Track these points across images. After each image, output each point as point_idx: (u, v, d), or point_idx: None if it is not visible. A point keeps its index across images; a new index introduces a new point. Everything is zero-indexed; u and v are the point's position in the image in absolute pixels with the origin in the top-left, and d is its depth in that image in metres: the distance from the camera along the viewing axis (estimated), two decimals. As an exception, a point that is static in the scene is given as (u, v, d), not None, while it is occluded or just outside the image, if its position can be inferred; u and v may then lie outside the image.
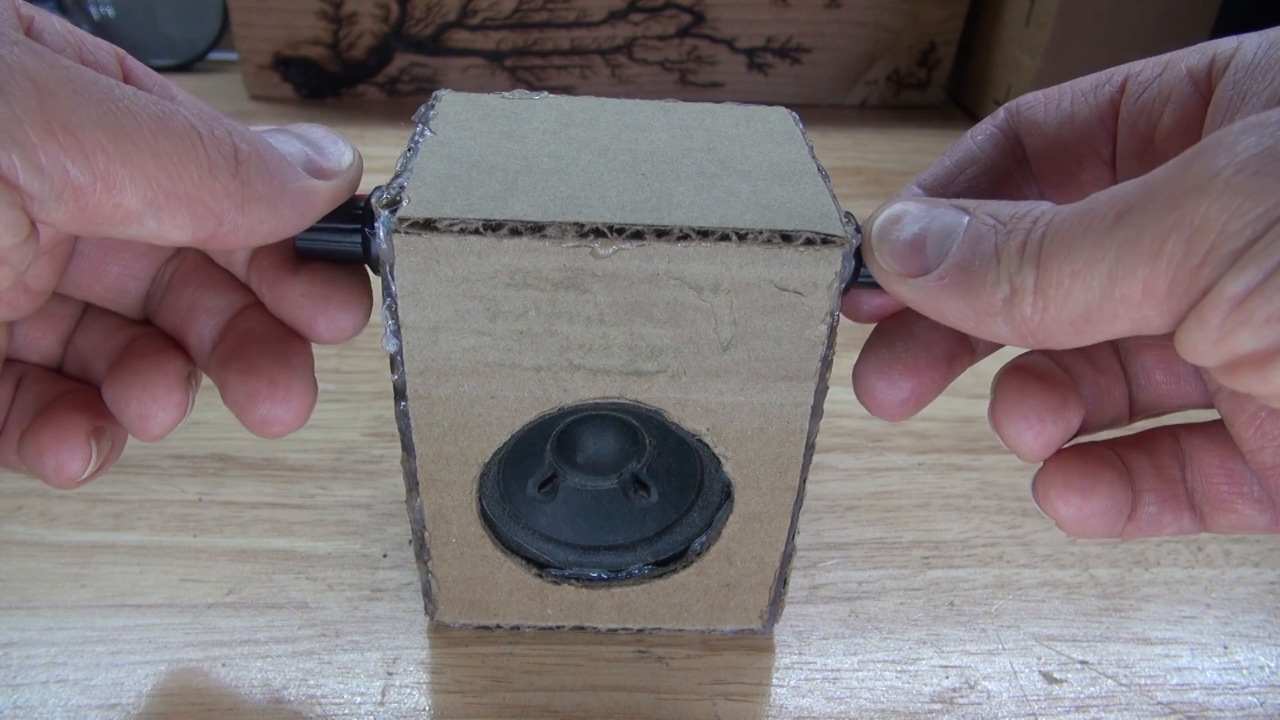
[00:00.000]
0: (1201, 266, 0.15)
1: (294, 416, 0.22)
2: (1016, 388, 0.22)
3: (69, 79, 0.16)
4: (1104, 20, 0.63)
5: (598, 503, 0.29)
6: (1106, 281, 0.16)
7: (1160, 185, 0.16)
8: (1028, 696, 0.28)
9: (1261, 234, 0.14)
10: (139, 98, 0.17)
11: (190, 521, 0.33)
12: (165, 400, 0.22)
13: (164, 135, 0.17)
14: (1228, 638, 0.30)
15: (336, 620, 0.29)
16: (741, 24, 0.69)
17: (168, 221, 0.17)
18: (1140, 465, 0.23)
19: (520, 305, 0.21)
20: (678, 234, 0.20)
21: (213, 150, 0.18)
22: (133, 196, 0.17)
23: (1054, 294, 0.17)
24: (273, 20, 0.67)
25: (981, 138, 0.24)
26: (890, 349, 0.23)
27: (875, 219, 0.21)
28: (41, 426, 0.22)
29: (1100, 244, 0.16)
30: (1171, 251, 0.15)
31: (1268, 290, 0.15)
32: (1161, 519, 0.23)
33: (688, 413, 0.23)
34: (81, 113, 0.16)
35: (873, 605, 0.31)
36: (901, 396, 0.23)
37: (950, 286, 0.19)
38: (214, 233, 0.18)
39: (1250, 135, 0.15)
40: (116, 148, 0.16)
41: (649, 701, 0.27)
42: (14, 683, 0.27)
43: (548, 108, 0.25)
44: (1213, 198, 0.15)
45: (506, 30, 0.68)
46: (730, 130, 0.25)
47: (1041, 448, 0.22)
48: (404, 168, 0.22)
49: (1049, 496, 0.23)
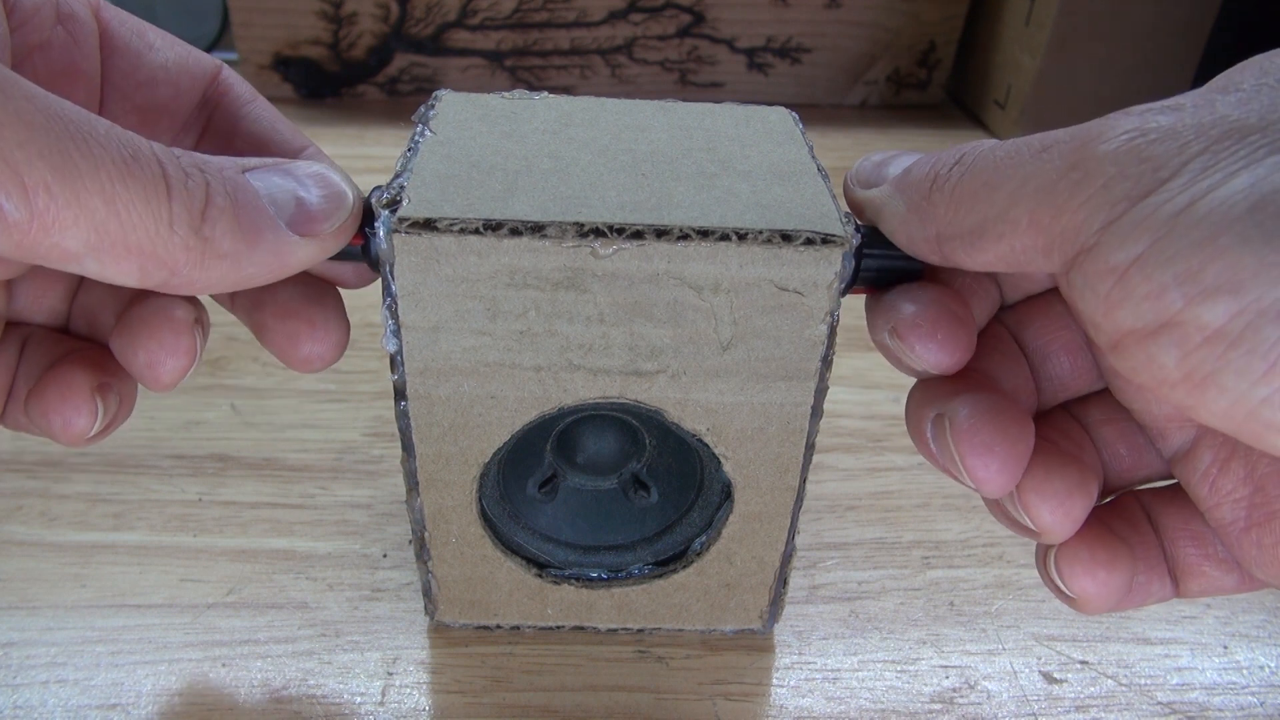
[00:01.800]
0: (1080, 210, 0.16)
1: (334, 353, 0.23)
2: (1039, 464, 0.21)
3: (26, 111, 0.15)
4: (1104, 20, 0.63)
5: (598, 503, 0.29)
6: (1005, 202, 0.18)
7: (1078, 134, 0.17)
8: (1028, 696, 0.28)
9: (1140, 198, 0.15)
10: (109, 137, 0.16)
11: (190, 521, 0.33)
12: (174, 346, 0.21)
13: (125, 181, 0.16)
14: (1228, 638, 0.30)
15: (336, 620, 0.29)
16: (741, 24, 0.69)
17: (111, 267, 0.17)
18: (1128, 535, 0.22)
19: (520, 305, 0.21)
20: (678, 234, 0.20)
21: (179, 203, 0.17)
22: (73, 239, 0.16)
23: (963, 199, 0.19)
24: (273, 20, 0.67)
25: None
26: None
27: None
28: (47, 384, 0.22)
29: (1014, 170, 0.18)
30: (1060, 189, 0.17)
31: (1147, 264, 0.15)
32: (1150, 587, 0.22)
33: (688, 413, 0.23)
34: (30, 148, 0.15)
35: (873, 605, 0.31)
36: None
37: (895, 185, 0.21)
38: (165, 282, 0.18)
39: (1164, 115, 0.16)
40: (63, 187, 0.16)
41: (649, 701, 0.27)
42: (14, 683, 0.27)
43: (548, 108, 0.25)
44: (1107, 152, 0.16)
45: (506, 30, 0.68)
46: (730, 130, 0.25)
47: (1072, 525, 0.21)
48: (404, 168, 0.22)
49: (1076, 573, 0.21)
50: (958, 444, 0.20)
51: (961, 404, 0.21)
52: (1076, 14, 0.62)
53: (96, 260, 0.17)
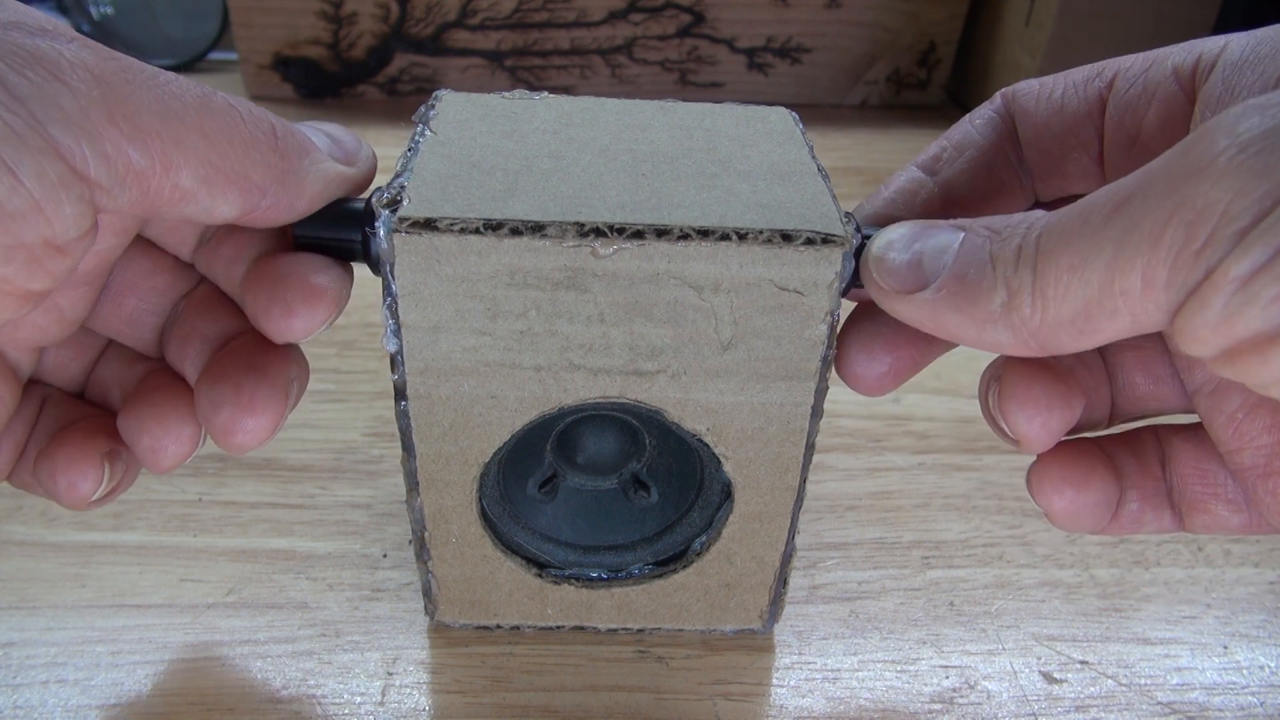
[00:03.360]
0: (1203, 251, 0.15)
1: (258, 425, 0.21)
2: (1023, 375, 0.22)
3: (121, 69, 0.17)
4: (1104, 20, 0.63)
5: (598, 503, 0.29)
6: (1105, 274, 0.16)
7: (1159, 173, 0.15)
8: (1028, 696, 0.28)
9: (1268, 211, 0.14)
10: (181, 82, 0.18)
11: (190, 521, 0.33)
12: (177, 434, 0.22)
13: (208, 116, 0.18)
14: (1228, 638, 0.30)
15: (336, 620, 0.29)
16: (741, 24, 0.69)
17: (219, 198, 0.19)
18: (1125, 462, 0.23)
19: (520, 305, 0.21)
20: (678, 234, 0.20)
21: (253, 127, 0.19)
22: (188, 176, 0.18)
23: (1052, 292, 0.17)
24: (273, 20, 0.67)
25: (980, 121, 0.25)
26: (872, 322, 0.24)
27: (872, 243, 0.21)
28: (56, 447, 0.22)
29: (1098, 236, 0.16)
30: (1172, 238, 0.15)
31: (1276, 268, 0.14)
32: (1143, 516, 0.23)
33: (688, 413, 0.23)
34: (136, 100, 0.17)
35: (873, 605, 0.31)
36: (880, 370, 0.23)
37: (948, 298, 0.18)
38: (258, 205, 0.19)
39: (1252, 116, 0.15)
40: (170, 131, 0.17)
41: (649, 701, 0.27)
42: (14, 683, 0.27)
43: (548, 108, 0.25)
44: (1214, 179, 0.14)
45: (506, 30, 0.68)
46: (730, 130, 0.25)
47: (1048, 436, 0.22)
48: (404, 168, 0.22)
49: (1044, 489, 0.23)
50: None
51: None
52: (1076, 14, 0.62)
53: (208, 193, 0.18)
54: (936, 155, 0.25)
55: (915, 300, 0.19)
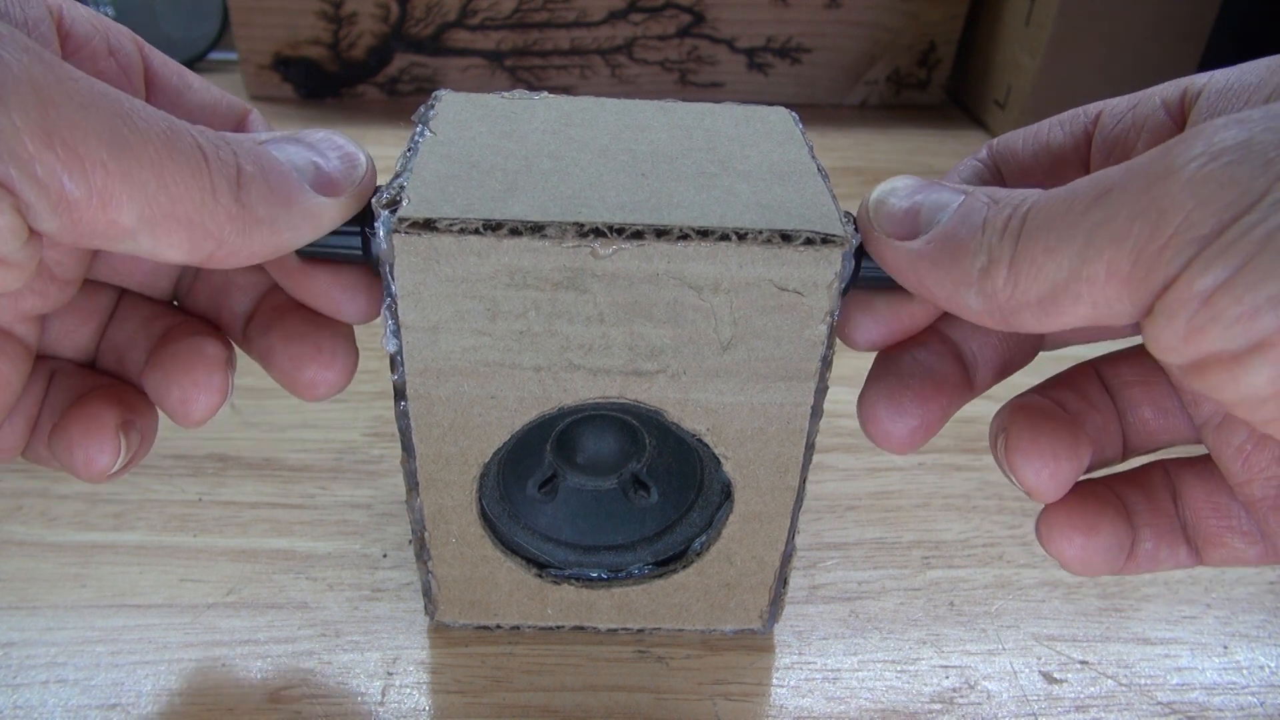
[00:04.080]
0: (1164, 250, 0.15)
1: (339, 378, 0.23)
2: (1029, 427, 0.22)
3: (76, 92, 0.16)
4: (1104, 20, 0.63)
5: (598, 503, 0.29)
6: (1075, 260, 0.16)
7: (1139, 170, 0.16)
8: (1028, 696, 0.28)
9: (1229, 224, 0.14)
10: (148, 114, 0.17)
11: (190, 521, 0.33)
12: (207, 384, 0.22)
13: (169, 155, 0.17)
14: (1228, 638, 0.30)
15: (336, 620, 0.29)
16: (741, 24, 0.69)
17: (163, 241, 0.17)
18: (1136, 501, 0.23)
19: (520, 305, 0.21)
20: (678, 234, 0.20)
21: (217, 173, 0.18)
22: (129, 214, 0.17)
23: (1026, 268, 0.17)
24: (273, 20, 0.67)
25: (965, 169, 0.25)
26: (899, 377, 0.23)
27: (876, 188, 0.21)
28: (71, 420, 0.22)
29: (1076, 223, 0.16)
30: (1137, 233, 0.15)
31: (1237, 287, 0.14)
32: (1158, 554, 0.23)
33: (688, 413, 0.23)
34: (85, 126, 0.16)
35: (873, 605, 0.31)
36: (912, 424, 0.23)
37: (934, 252, 0.19)
38: (212, 254, 0.18)
39: (1230, 128, 0.15)
40: (118, 164, 0.16)
41: (649, 701, 0.27)
42: (14, 683, 0.27)
43: (547, 108, 0.25)
44: (1183, 183, 0.15)
45: (506, 30, 0.68)
46: (730, 130, 0.25)
47: (1057, 488, 0.22)
48: (404, 168, 0.22)
49: (1054, 537, 0.22)
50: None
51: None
52: (1076, 14, 0.62)
53: (150, 234, 0.17)
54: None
55: (903, 248, 0.20)
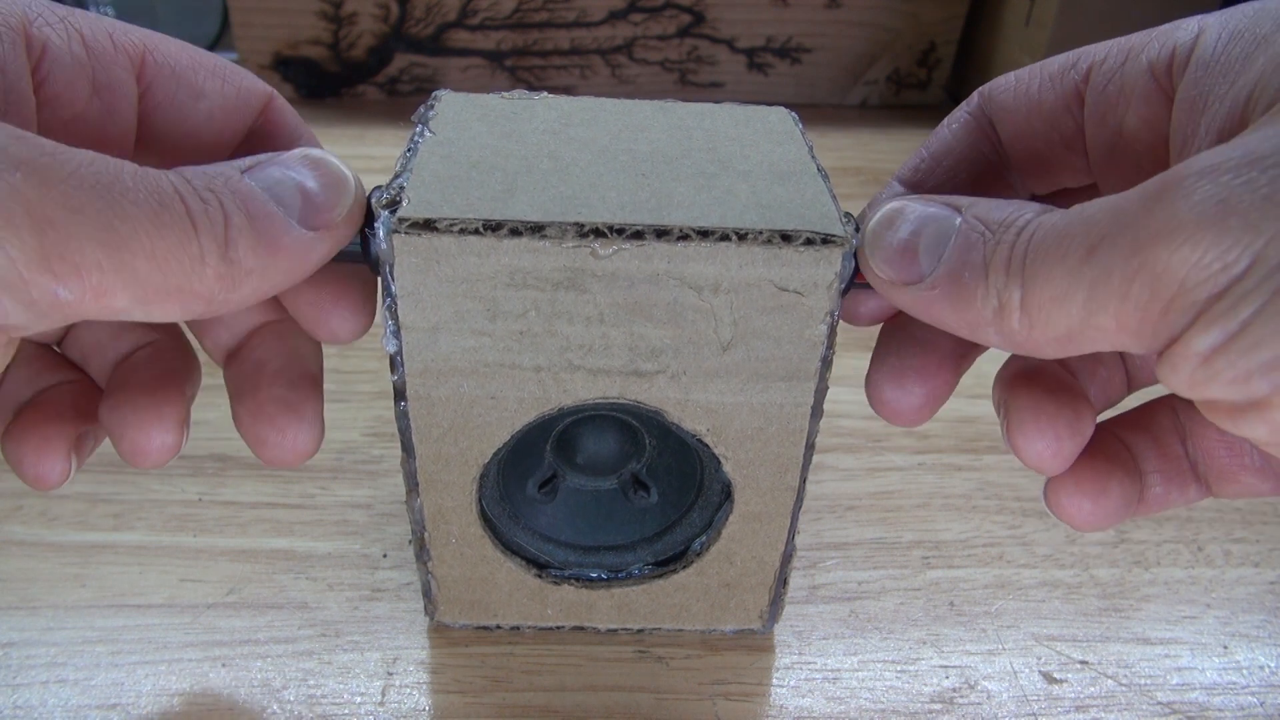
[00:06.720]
0: (1166, 314, 0.16)
1: (309, 444, 0.23)
2: (1030, 405, 0.22)
3: (67, 195, 0.15)
4: (1104, 21, 0.63)
5: (598, 503, 0.29)
6: (1083, 311, 0.17)
7: (1127, 223, 0.16)
8: (1028, 696, 0.28)
9: (1224, 291, 0.15)
10: (136, 187, 0.17)
11: (190, 521, 0.33)
12: (160, 439, 0.22)
13: (159, 231, 0.17)
14: (1228, 638, 0.30)
15: (336, 620, 0.29)
16: (741, 24, 0.69)
17: (155, 311, 0.17)
18: (1142, 446, 0.23)
19: (520, 305, 0.21)
20: (678, 234, 0.20)
21: (205, 236, 0.17)
22: (124, 299, 0.17)
23: (1037, 315, 0.17)
24: (273, 20, 0.66)
25: (956, 126, 0.24)
26: (899, 355, 0.23)
27: (868, 223, 0.21)
28: (25, 431, 0.22)
29: (1074, 276, 0.17)
30: (1138, 295, 0.16)
31: (1232, 352, 0.15)
32: (1168, 496, 0.23)
33: (688, 413, 0.23)
34: (80, 234, 0.16)
35: (873, 605, 0.31)
36: (917, 402, 0.23)
37: (943, 296, 0.19)
38: (204, 312, 0.18)
39: (1206, 183, 0.15)
40: (112, 261, 0.16)
41: (649, 701, 0.27)
42: (14, 683, 0.27)
43: (547, 108, 0.25)
44: (1174, 248, 0.15)
45: (506, 30, 0.68)
46: (730, 130, 0.25)
47: (1061, 463, 0.22)
48: (404, 168, 0.22)
49: (1061, 503, 0.23)
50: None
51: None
52: (1076, 14, 0.62)
53: (141, 309, 0.17)
54: (915, 167, 0.25)
55: (911, 292, 0.20)
